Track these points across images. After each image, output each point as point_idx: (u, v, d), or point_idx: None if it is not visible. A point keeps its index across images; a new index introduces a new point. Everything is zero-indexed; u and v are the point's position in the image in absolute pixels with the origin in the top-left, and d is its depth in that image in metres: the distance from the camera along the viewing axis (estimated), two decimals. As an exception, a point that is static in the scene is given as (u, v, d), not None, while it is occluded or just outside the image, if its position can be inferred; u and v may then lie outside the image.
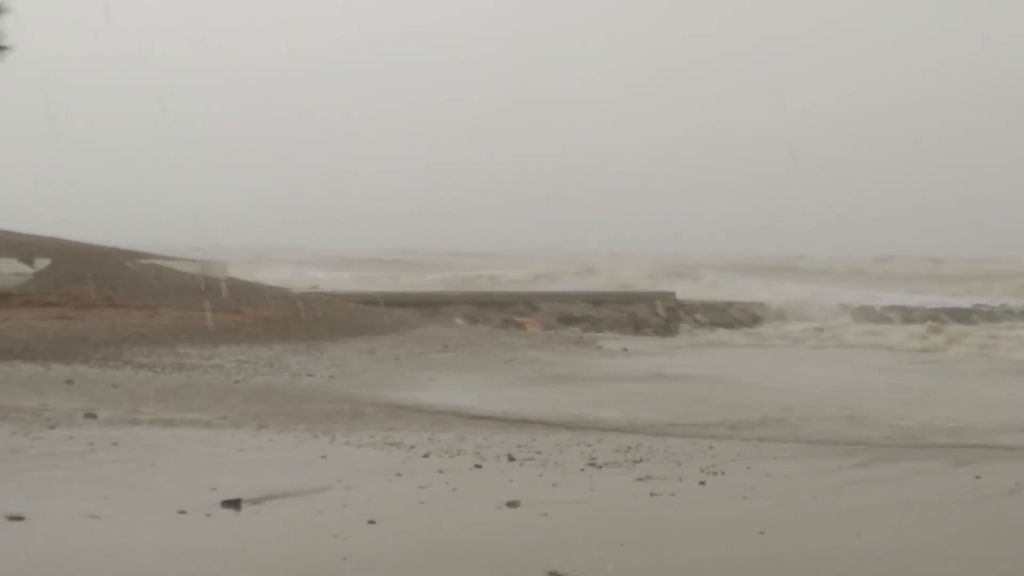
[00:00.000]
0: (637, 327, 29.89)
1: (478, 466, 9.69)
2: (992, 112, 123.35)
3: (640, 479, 9.14)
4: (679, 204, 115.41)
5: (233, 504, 7.30)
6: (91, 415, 11.69)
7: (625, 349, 23.22)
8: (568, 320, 30.03)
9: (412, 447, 10.64)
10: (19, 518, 6.68)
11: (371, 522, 7.00)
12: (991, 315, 36.70)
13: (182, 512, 7.01)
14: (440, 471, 9.32)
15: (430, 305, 29.81)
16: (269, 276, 39.54)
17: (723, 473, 9.49)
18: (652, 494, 8.49)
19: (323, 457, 9.97)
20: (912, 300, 40.26)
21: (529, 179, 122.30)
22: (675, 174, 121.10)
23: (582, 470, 9.59)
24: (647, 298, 34.10)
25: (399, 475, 9.08)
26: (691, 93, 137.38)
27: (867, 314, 35.27)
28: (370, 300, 28.68)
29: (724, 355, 23.03)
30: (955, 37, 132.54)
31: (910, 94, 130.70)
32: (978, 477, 9.54)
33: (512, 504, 7.97)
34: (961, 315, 35.67)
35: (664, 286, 40.16)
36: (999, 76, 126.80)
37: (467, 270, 52.05)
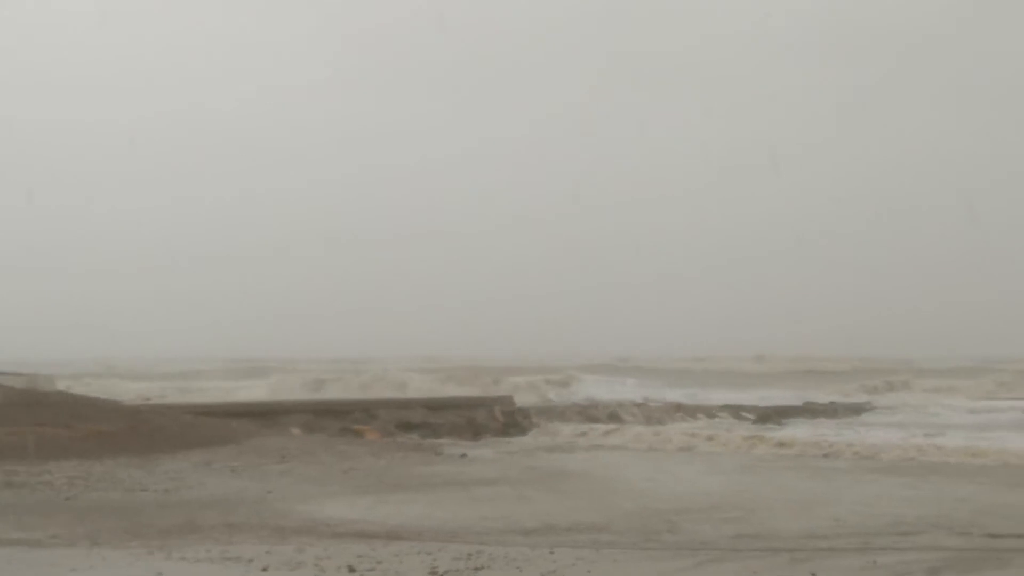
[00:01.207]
0: (476, 432, 29.84)
1: (319, 578, 9.62)
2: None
3: (481, 587, 9.17)
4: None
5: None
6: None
7: (464, 455, 23.21)
8: (407, 427, 29.85)
9: (250, 560, 10.51)
10: None
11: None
12: (823, 411, 37.75)
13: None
14: (280, 585, 9.24)
15: (266, 415, 29.40)
16: (104, 389, 38.70)
17: (561, 578, 9.57)
18: (494, 601, 8.53)
19: (159, 574, 9.78)
20: (742, 398, 41.25)
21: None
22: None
23: (423, 579, 9.58)
24: (485, 403, 34.16)
25: (238, 590, 8.97)
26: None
27: (704, 412, 35.96)
28: (207, 411, 28.22)
29: (562, 459, 23.14)
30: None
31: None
32: (814, 574, 9.79)
33: (353, 616, 7.93)
34: (790, 412, 36.55)
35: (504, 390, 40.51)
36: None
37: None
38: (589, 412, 34.61)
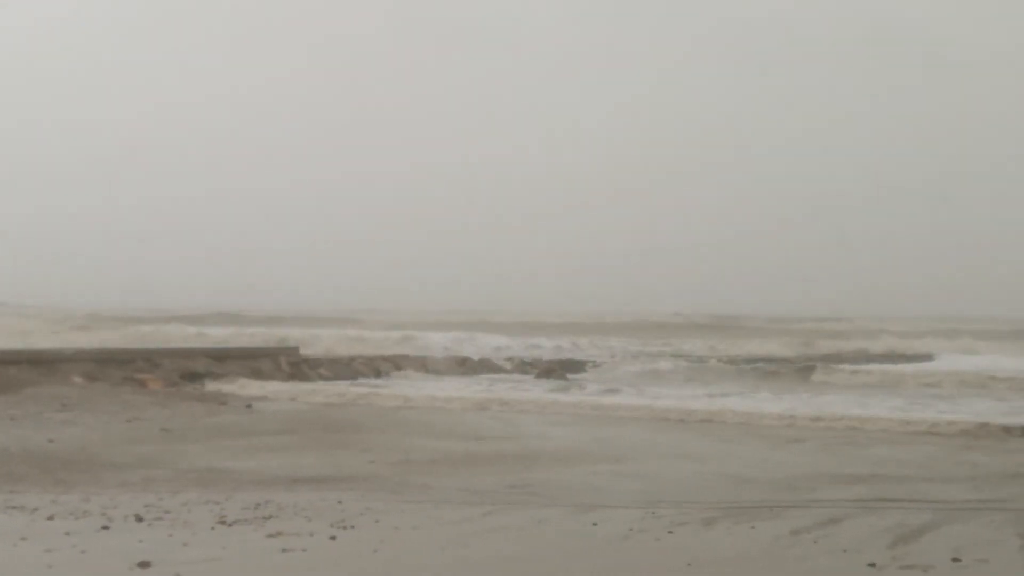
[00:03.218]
0: (262, 382, 29.71)
1: (105, 527, 9.59)
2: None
3: (271, 535, 9.29)
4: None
5: None
6: None
7: (249, 406, 23.14)
8: (191, 376, 29.54)
9: (35, 509, 10.41)
10: None
11: (-3, 588, 6.88)
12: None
13: None
14: (67, 533, 9.20)
15: (45, 363, 28.72)
16: None
17: (353, 527, 9.74)
18: (284, 550, 8.66)
19: (-60, 523, 9.64)
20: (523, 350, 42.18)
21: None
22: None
23: (212, 528, 9.65)
24: (271, 353, 34.03)
25: (24, 539, 8.91)
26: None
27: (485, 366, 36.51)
28: (-21, 358, 27.44)
29: (350, 409, 23.27)
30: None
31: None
32: (595, 524, 10.17)
33: (143, 565, 7.98)
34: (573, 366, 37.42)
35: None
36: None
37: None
38: (376, 364, 34.76)
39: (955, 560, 8.77)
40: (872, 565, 8.52)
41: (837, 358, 42.04)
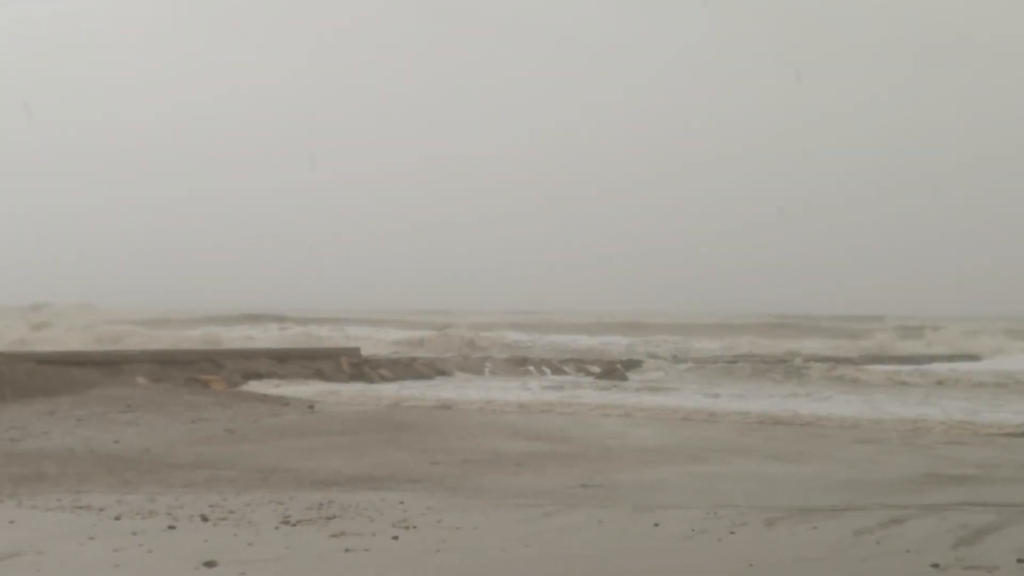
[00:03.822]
0: (323, 383, 29.94)
1: (172, 527, 9.72)
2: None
3: (334, 535, 9.37)
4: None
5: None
6: None
7: (311, 406, 23.30)
8: (254, 377, 29.83)
9: (102, 509, 10.55)
10: None
11: (68, 587, 6.99)
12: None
13: None
14: (133, 533, 9.32)
15: (110, 364, 29.07)
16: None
17: (415, 527, 9.81)
18: (347, 550, 8.74)
19: (11, 522, 9.80)
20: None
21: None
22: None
23: (276, 528, 9.75)
24: (332, 354, 34.24)
25: (92, 538, 9.03)
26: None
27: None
28: (47, 360, 27.78)
29: (410, 410, 23.37)
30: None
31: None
32: (657, 525, 10.18)
33: (209, 564, 8.08)
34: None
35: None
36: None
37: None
38: (437, 365, 34.88)
39: (1020, 561, 8.72)
40: (936, 566, 8.48)
41: (891, 358, 41.77)
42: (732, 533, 9.80)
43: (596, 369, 35.86)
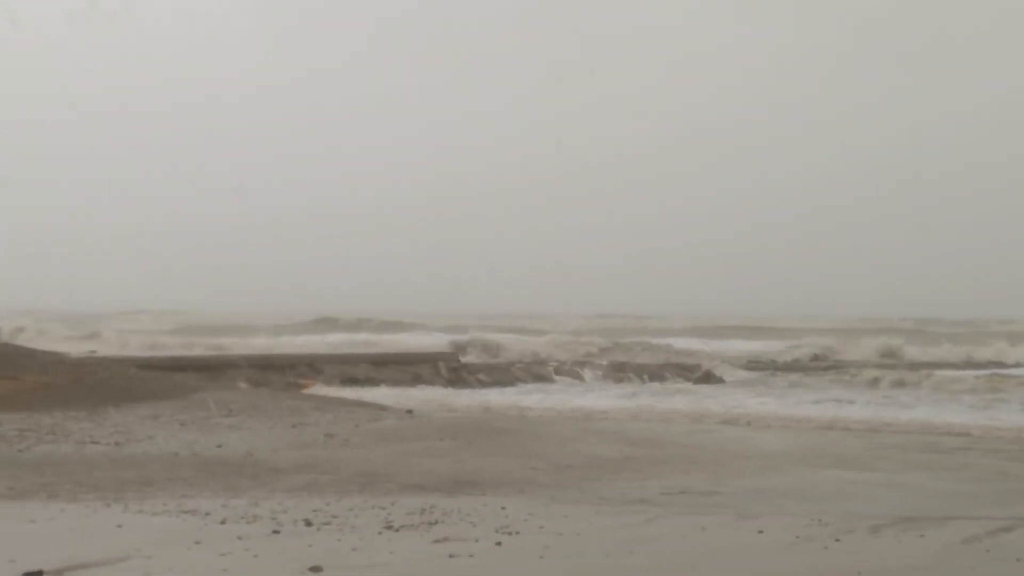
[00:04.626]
0: (422, 387, 30.11)
1: (276, 532, 9.78)
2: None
3: (438, 541, 9.37)
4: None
5: (36, 576, 7.27)
6: None
7: (410, 411, 23.38)
8: (352, 382, 30.05)
9: (207, 514, 10.64)
10: None
11: (178, 591, 7.05)
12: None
13: (-16, 586, 6.95)
14: (239, 537, 9.39)
15: (211, 369, 29.47)
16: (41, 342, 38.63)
17: (518, 533, 9.78)
18: (451, 556, 8.73)
19: (119, 527, 9.90)
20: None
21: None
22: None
23: (380, 533, 9.77)
24: (430, 359, 34.39)
25: (198, 543, 9.11)
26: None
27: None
28: (149, 364, 28.23)
29: (509, 415, 23.39)
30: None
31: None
32: (761, 532, 10.06)
33: (315, 570, 8.11)
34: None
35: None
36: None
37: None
38: (535, 370, 34.90)
39: None
40: (1049, 575, 8.30)
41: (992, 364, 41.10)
42: (837, 541, 9.65)
43: (692, 375, 35.67)
